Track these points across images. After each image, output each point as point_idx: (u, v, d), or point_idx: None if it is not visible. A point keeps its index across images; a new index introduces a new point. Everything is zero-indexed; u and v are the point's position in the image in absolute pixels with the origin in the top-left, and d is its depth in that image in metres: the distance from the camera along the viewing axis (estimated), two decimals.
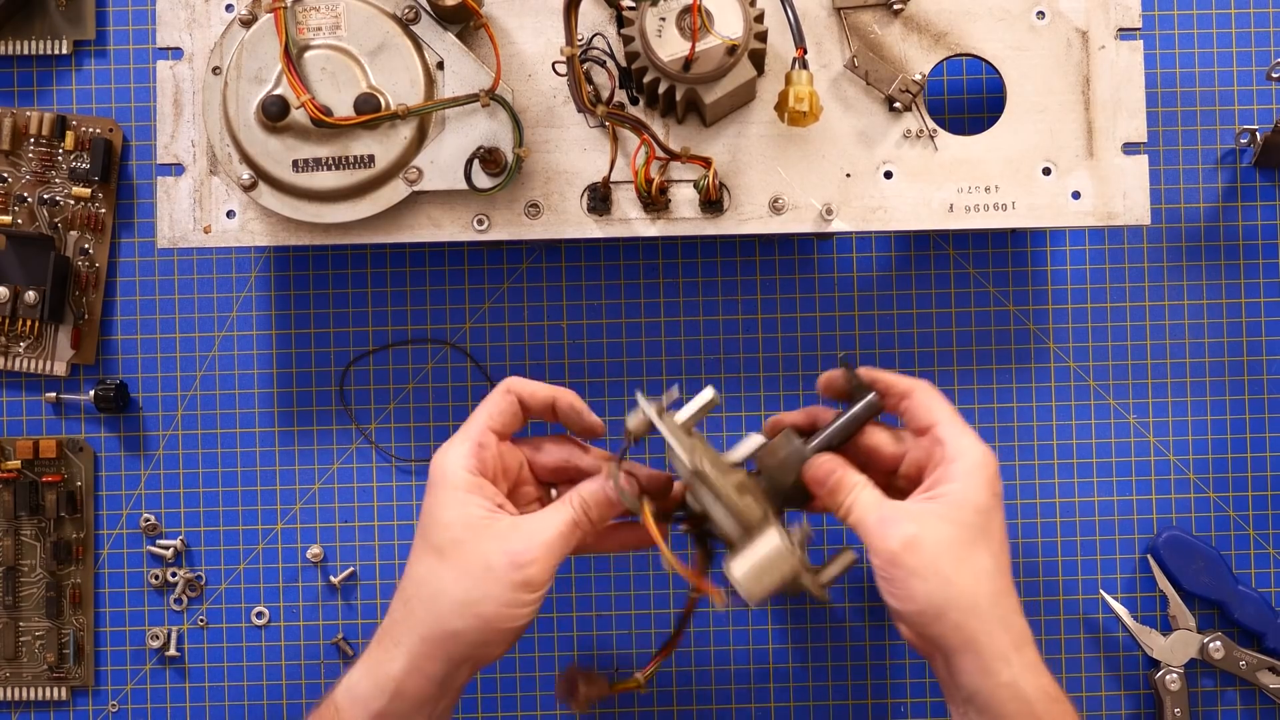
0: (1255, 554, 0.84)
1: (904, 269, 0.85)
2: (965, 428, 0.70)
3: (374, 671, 0.66)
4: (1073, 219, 0.75)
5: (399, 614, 0.67)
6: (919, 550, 0.66)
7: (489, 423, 0.70)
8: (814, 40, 0.75)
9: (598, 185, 0.75)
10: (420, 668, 0.66)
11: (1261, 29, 0.85)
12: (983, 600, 0.67)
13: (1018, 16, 0.76)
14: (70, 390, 0.84)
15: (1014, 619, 0.68)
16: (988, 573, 0.67)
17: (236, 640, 0.84)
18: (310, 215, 0.73)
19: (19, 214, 0.84)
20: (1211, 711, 0.83)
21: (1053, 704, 0.67)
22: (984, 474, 0.68)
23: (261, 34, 0.72)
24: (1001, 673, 0.66)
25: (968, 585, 0.66)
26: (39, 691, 0.83)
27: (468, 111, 0.73)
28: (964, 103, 0.83)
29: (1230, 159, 0.85)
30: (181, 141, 0.76)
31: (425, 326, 0.85)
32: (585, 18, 0.73)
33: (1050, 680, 0.68)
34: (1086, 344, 0.84)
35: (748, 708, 0.83)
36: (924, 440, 0.71)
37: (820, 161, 0.75)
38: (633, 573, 0.84)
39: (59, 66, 0.85)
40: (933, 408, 0.71)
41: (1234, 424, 0.84)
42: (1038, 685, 0.67)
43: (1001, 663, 0.66)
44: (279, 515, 0.84)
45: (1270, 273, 0.84)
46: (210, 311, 0.85)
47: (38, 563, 0.84)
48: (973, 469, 0.68)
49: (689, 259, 0.85)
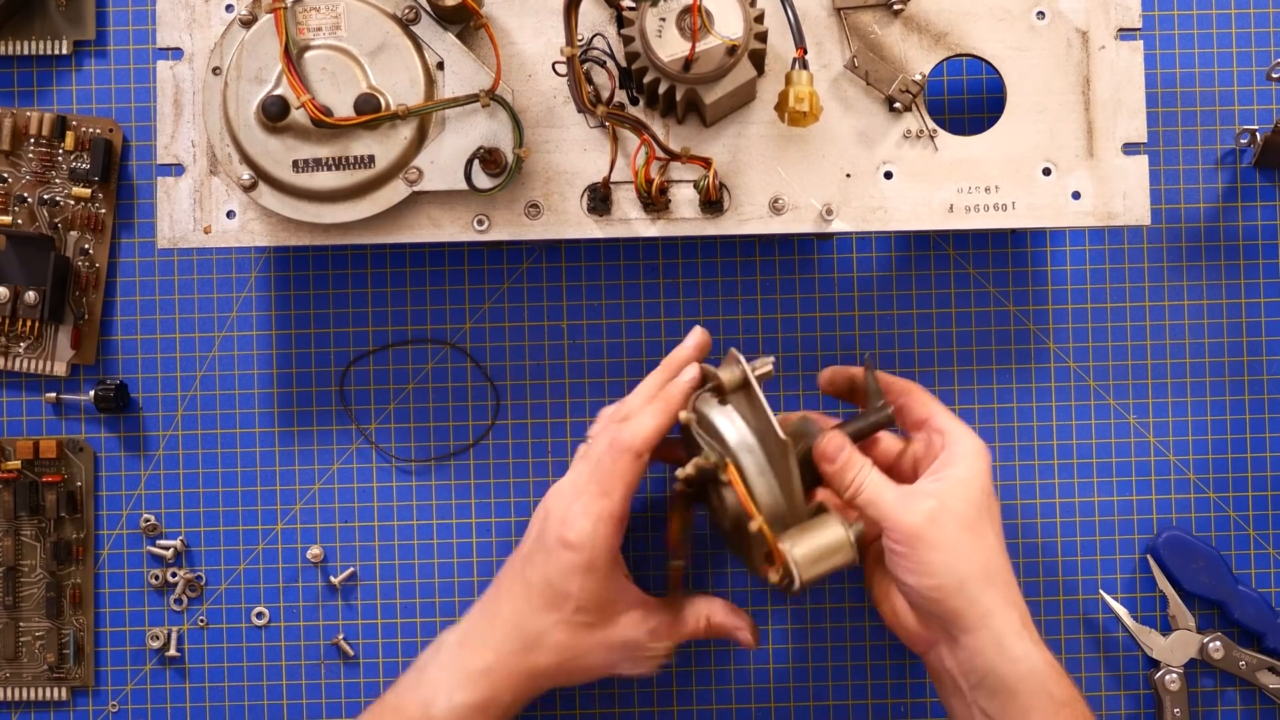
0: (1255, 554, 0.84)
1: (904, 269, 0.85)
2: (961, 421, 0.74)
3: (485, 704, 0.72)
4: (1073, 219, 0.75)
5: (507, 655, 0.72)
6: (939, 524, 0.69)
7: (626, 495, 0.71)
8: (814, 40, 0.75)
9: (598, 185, 0.75)
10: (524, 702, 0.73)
11: (1261, 29, 0.85)
12: (996, 574, 0.70)
13: (1018, 16, 0.76)
14: (70, 390, 0.84)
15: (1019, 597, 0.71)
16: (996, 549, 0.71)
17: (236, 640, 0.84)
18: (310, 215, 0.73)
19: (19, 214, 0.84)
20: (1211, 711, 0.83)
21: (1061, 678, 0.70)
22: (984, 459, 0.72)
23: (261, 34, 0.72)
24: (1015, 646, 0.69)
25: (983, 559, 0.69)
26: (39, 692, 0.83)
27: (468, 112, 0.73)
28: (964, 103, 0.83)
29: (1230, 159, 0.85)
30: (181, 141, 0.76)
31: (425, 326, 0.85)
32: (585, 18, 0.73)
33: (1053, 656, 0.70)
34: (1086, 344, 0.84)
35: (748, 708, 0.83)
36: (921, 434, 0.74)
37: (820, 161, 0.75)
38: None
39: (59, 66, 0.85)
40: (929, 403, 0.75)
41: (1234, 424, 0.84)
42: (1046, 659, 0.70)
43: (1015, 637, 0.69)
44: (279, 515, 0.84)
45: (1270, 273, 0.84)
46: (210, 311, 0.85)
47: (38, 563, 0.84)
48: (974, 453, 0.72)
49: (689, 259, 0.85)
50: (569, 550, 0.70)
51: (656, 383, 0.74)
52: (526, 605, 0.71)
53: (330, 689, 0.84)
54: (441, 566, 0.84)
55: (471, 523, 0.84)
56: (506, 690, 0.72)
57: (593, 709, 0.83)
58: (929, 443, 0.74)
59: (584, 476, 0.72)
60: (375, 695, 0.82)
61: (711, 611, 0.76)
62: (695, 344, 0.75)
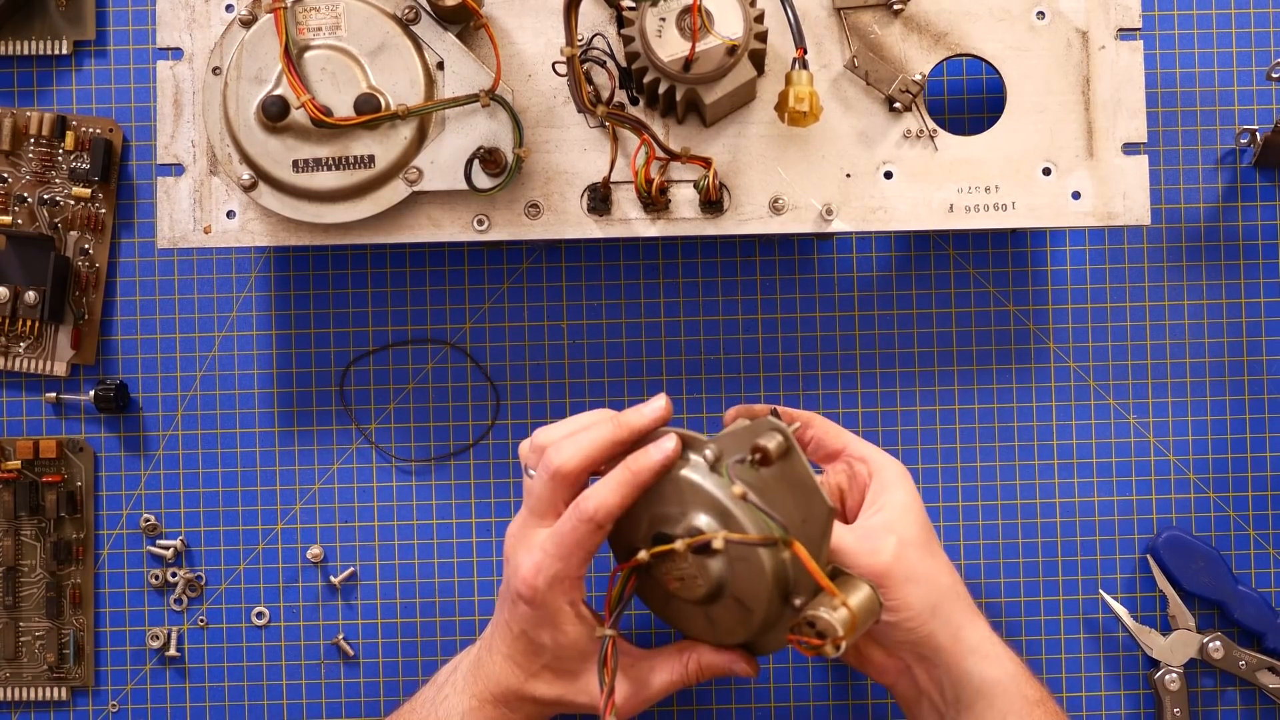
0: (1255, 554, 0.84)
1: (904, 269, 0.85)
2: (873, 444, 0.75)
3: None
4: (1073, 219, 0.75)
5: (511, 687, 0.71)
6: (904, 559, 0.69)
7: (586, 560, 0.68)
8: (814, 40, 0.75)
9: (598, 185, 0.75)
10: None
11: (1261, 29, 0.85)
12: (955, 587, 0.71)
13: (1018, 16, 0.76)
14: (70, 390, 0.84)
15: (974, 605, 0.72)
16: (946, 563, 0.72)
17: (236, 640, 0.84)
18: (310, 215, 0.73)
19: (19, 214, 0.84)
20: (1211, 711, 0.83)
21: (1030, 678, 0.71)
22: (909, 480, 0.73)
23: (261, 34, 0.72)
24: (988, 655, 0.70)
25: (945, 580, 0.71)
26: (39, 691, 0.83)
27: (468, 111, 0.73)
28: (964, 103, 0.83)
29: (1230, 159, 0.85)
30: (181, 141, 0.76)
31: (425, 326, 0.85)
32: (585, 18, 0.73)
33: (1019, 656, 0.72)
34: (1086, 344, 0.84)
35: (748, 708, 0.83)
36: (838, 464, 0.75)
37: (820, 161, 0.75)
38: None
39: (59, 66, 0.85)
40: (839, 433, 0.75)
41: (1234, 424, 0.84)
42: (1015, 661, 0.71)
43: (988, 645, 0.71)
44: (279, 515, 0.84)
45: (1270, 273, 0.84)
46: (210, 311, 0.85)
47: (38, 563, 0.84)
48: (901, 474, 0.73)
49: (689, 259, 0.85)
50: (529, 606, 0.68)
51: (607, 439, 0.68)
52: (515, 647, 0.71)
53: (330, 689, 0.84)
54: (441, 566, 0.84)
55: (471, 523, 0.84)
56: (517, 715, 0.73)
57: None
58: (851, 473, 0.74)
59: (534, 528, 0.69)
60: (375, 695, 0.83)
61: (699, 653, 0.71)
62: (655, 415, 0.69)
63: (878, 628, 0.69)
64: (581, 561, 0.68)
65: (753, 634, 0.68)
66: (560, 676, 0.71)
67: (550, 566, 0.67)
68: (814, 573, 0.64)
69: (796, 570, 0.65)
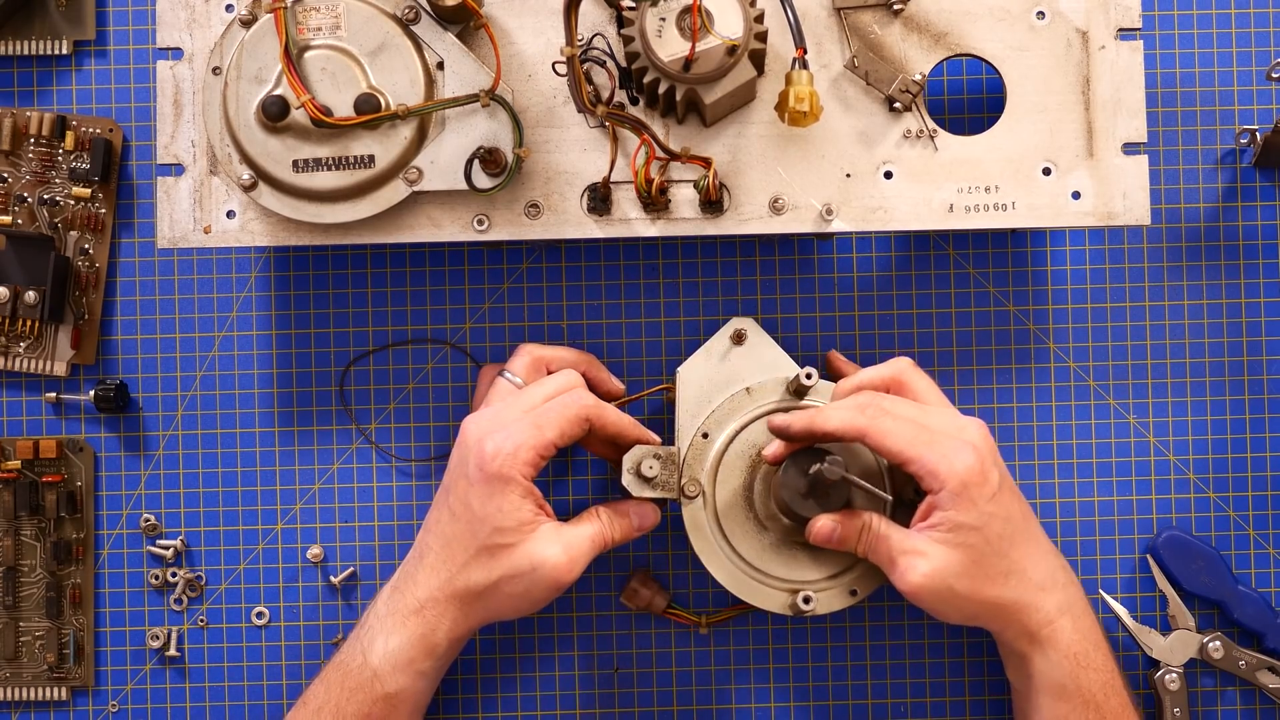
0: (1255, 554, 0.84)
1: (904, 269, 0.85)
2: (932, 442, 0.72)
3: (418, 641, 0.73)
4: (1073, 219, 0.75)
5: (435, 587, 0.73)
6: (933, 586, 0.71)
7: (558, 440, 0.73)
8: (814, 40, 0.75)
9: (598, 185, 0.75)
10: (460, 636, 0.75)
11: (1261, 29, 0.85)
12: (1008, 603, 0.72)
13: (1018, 16, 0.76)
14: (70, 390, 0.84)
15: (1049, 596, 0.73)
16: (1003, 574, 0.72)
17: (236, 640, 0.84)
18: (310, 215, 0.73)
19: (19, 214, 0.84)
20: (1211, 711, 0.83)
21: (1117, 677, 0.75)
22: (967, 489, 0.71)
23: (261, 34, 0.72)
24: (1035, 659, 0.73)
25: (989, 596, 0.72)
26: (39, 691, 0.83)
27: (468, 111, 0.73)
28: (964, 103, 0.83)
29: (1230, 159, 0.85)
30: (181, 141, 0.76)
31: (425, 326, 0.85)
32: (585, 18, 0.73)
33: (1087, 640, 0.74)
34: (1086, 344, 0.84)
35: (748, 708, 0.83)
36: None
37: (820, 161, 0.75)
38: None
39: (59, 66, 0.85)
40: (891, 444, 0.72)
41: (1234, 424, 0.84)
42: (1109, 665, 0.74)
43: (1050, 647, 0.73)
44: (279, 515, 0.84)
45: (1270, 273, 0.84)
46: (210, 311, 0.85)
47: (38, 563, 0.84)
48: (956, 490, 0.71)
49: (689, 259, 0.85)
50: (485, 473, 0.71)
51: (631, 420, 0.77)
52: (451, 529, 0.73)
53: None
54: None
55: None
56: (440, 623, 0.73)
57: (593, 709, 0.83)
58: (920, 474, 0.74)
59: (512, 412, 0.74)
60: None
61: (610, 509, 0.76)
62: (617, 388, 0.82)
63: None
64: (556, 440, 0.72)
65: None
66: (494, 555, 0.72)
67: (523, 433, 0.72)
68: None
69: None
